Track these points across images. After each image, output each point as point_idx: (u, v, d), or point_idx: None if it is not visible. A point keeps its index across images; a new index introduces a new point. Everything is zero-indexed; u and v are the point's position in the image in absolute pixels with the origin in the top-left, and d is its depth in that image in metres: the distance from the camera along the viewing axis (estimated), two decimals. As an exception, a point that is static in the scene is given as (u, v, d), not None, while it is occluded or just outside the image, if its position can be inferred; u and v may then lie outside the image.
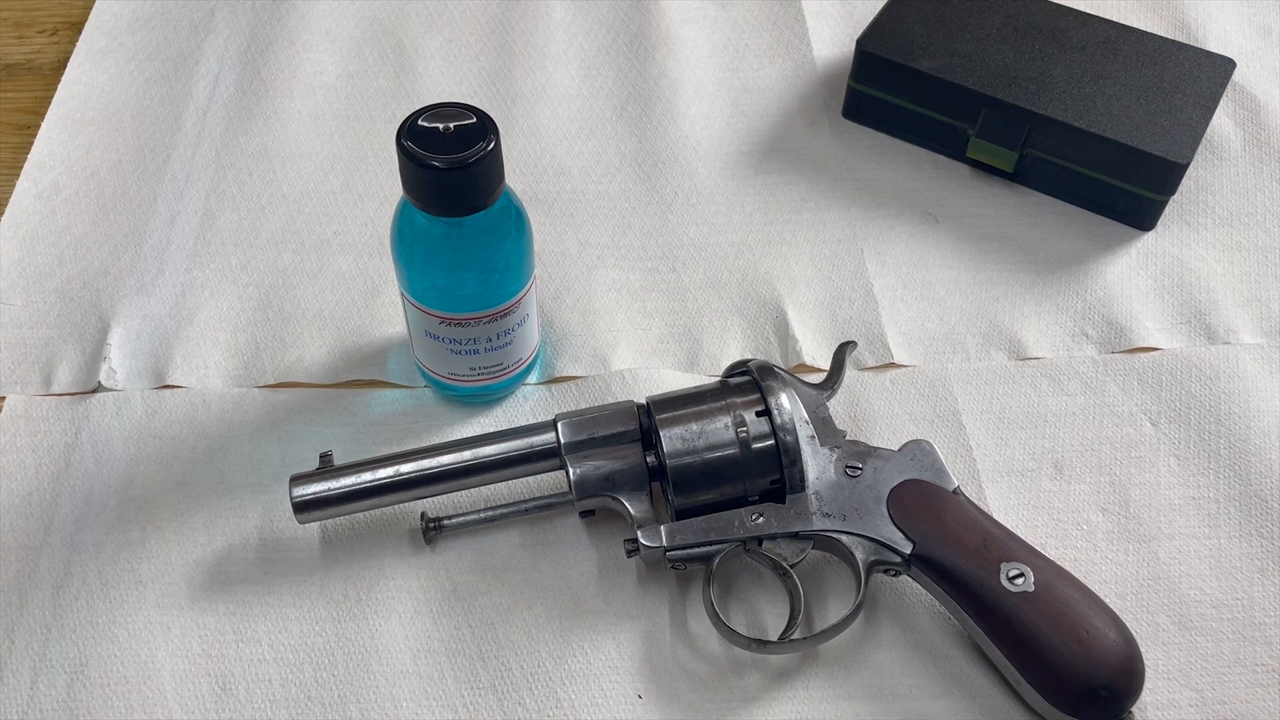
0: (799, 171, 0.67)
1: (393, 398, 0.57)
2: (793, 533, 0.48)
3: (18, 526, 0.52)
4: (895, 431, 0.56)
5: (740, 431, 0.49)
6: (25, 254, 0.63)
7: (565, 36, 0.75)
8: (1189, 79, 0.64)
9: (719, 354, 0.59)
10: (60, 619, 0.50)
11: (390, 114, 0.70)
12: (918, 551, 0.47)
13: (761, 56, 0.74)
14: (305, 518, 0.50)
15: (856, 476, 0.49)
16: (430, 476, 0.50)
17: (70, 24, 0.76)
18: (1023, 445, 0.56)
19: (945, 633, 0.49)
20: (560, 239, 0.64)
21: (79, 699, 0.48)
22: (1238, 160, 0.68)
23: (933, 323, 0.61)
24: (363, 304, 0.61)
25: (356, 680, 0.48)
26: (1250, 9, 0.76)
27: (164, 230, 0.64)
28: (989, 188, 0.67)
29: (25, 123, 0.70)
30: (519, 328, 0.54)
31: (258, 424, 0.56)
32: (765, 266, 0.63)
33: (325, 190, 0.66)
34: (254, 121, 0.70)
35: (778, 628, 0.49)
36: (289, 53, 0.73)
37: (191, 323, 0.60)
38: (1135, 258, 0.63)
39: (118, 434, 0.56)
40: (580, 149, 0.69)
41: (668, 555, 0.48)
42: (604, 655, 0.49)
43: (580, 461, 0.50)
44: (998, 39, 0.67)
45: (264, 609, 0.50)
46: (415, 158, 0.46)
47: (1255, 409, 0.57)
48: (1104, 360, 0.59)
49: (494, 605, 0.50)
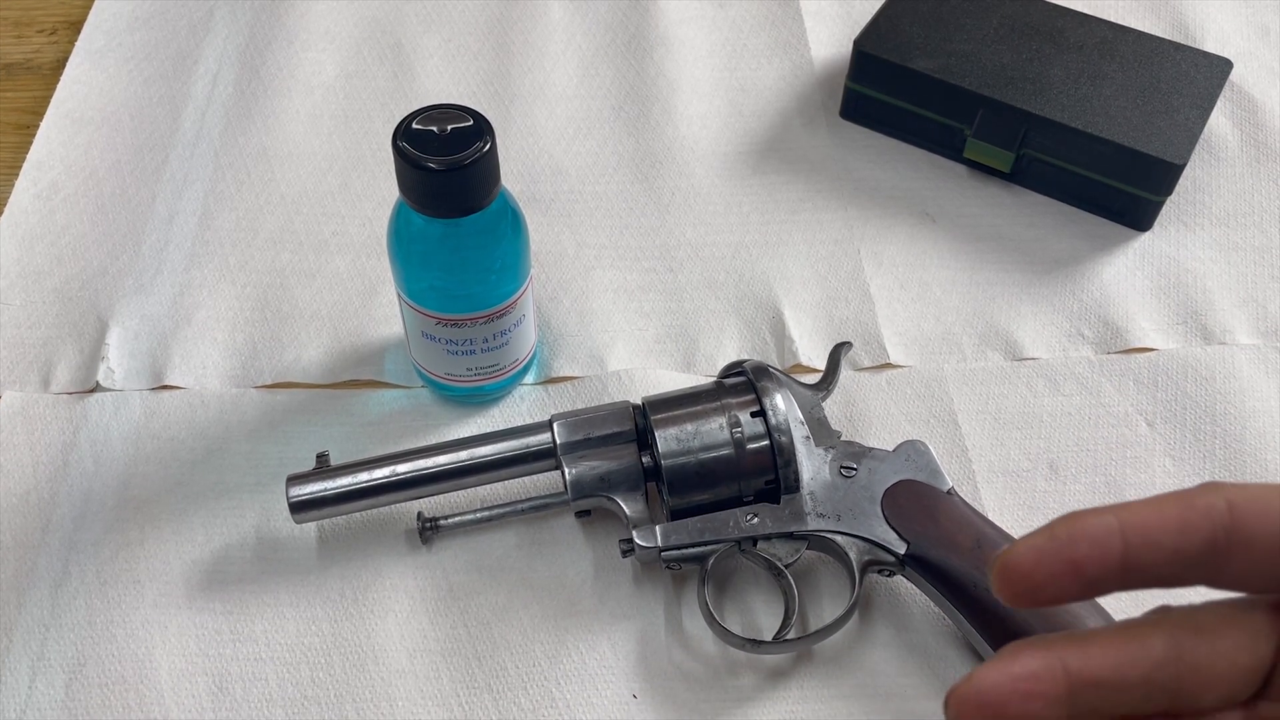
0: (796, 172, 0.68)
1: (390, 398, 0.57)
2: (787, 533, 0.49)
3: (16, 526, 0.53)
4: (891, 432, 0.56)
5: (735, 432, 0.49)
6: (24, 253, 0.63)
7: (563, 36, 0.75)
8: (1186, 79, 0.64)
9: (715, 354, 0.59)
10: (58, 618, 0.50)
11: (388, 114, 0.70)
12: (912, 552, 0.47)
13: (759, 57, 0.74)
14: (302, 518, 0.50)
15: (851, 477, 0.49)
16: (427, 477, 0.50)
17: (69, 23, 0.76)
18: (1018, 445, 0.56)
19: (939, 633, 0.50)
20: (557, 239, 0.64)
21: (77, 698, 0.48)
22: (1235, 161, 0.68)
23: (929, 323, 0.61)
24: (360, 304, 0.61)
25: (353, 679, 0.48)
26: (1248, 9, 0.76)
27: (162, 230, 0.64)
28: (986, 188, 0.67)
29: (24, 122, 0.70)
30: (515, 328, 0.54)
31: (255, 424, 0.56)
32: (762, 267, 0.63)
33: (323, 190, 0.66)
34: (252, 121, 0.70)
35: (772, 628, 0.50)
36: (287, 53, 0.74)
37: (190, 322, 0.60)
38: (1132, 258, 0.63)
39: (116, 434, 0.56)
40: (578, 149, 0.69)
41: (663, 555, 0.49)
42: (599, 655, 0.49)
43: (576, 462, 0.50)
44: (995, 39, 0.67)
45: (261, 608, 0.50)
46: (411, 159, 0.46)
47: (1251, 409, 0.57)
48: (1100, 361, 0.59)
49: (490, 605, 0.51)
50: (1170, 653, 0.27)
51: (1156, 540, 0.27)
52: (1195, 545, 0.27)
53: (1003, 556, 0.27)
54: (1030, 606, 0.28)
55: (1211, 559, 0.27)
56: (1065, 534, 0.27)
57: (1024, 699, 0.26)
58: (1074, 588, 0.27)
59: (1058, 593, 0.27)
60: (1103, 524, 0.27)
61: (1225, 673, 0.27)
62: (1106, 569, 0.27)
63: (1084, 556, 0.27)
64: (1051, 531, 0.27)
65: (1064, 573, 0.27)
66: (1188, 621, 0.28)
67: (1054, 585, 0.27)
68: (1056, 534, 0.27)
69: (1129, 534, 0.27)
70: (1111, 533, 0.27)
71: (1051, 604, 0.27)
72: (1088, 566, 0.27)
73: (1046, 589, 0.27)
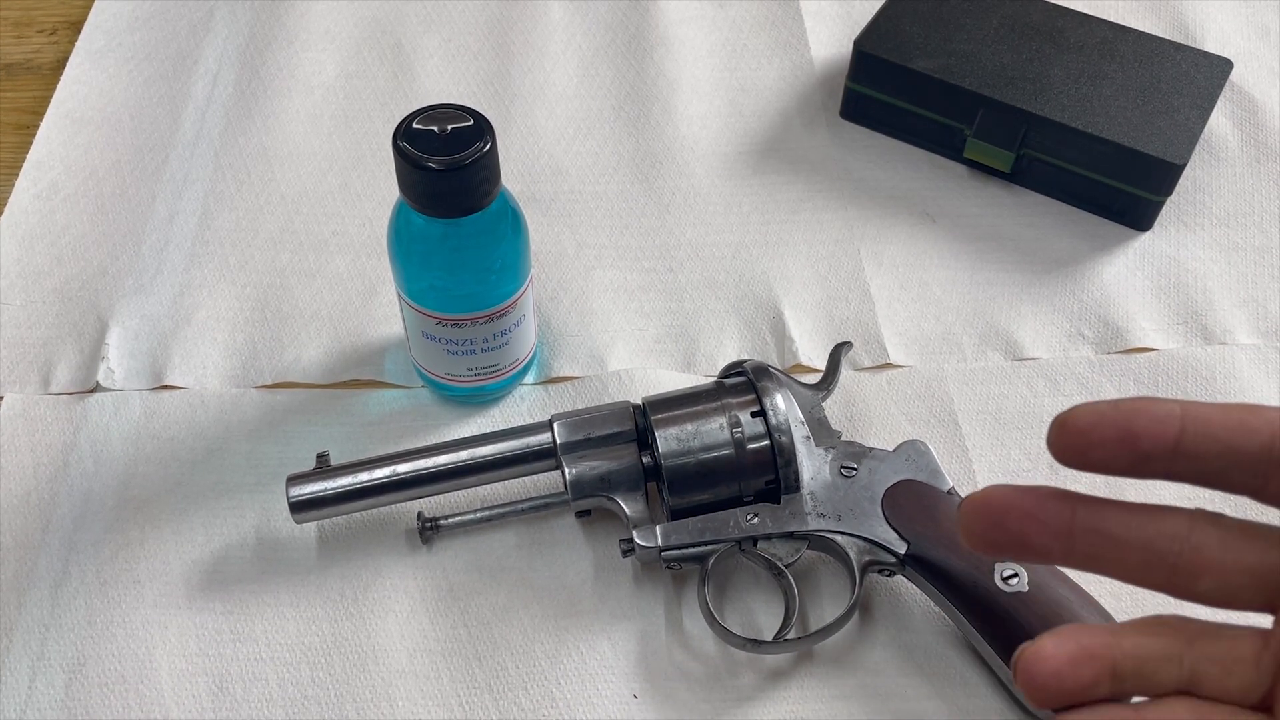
0: (796, 172, 0.68)
1: (390, 398, 0.57)
2: (788, 533, 0.49)
3: (16, 526, 0.53)
4: (891, 432, 0.56)
5: (735, 432, 0.49)
6: (24, 253, 0.63)
7: (563, 36, 0.75)
8: (1186, 79, 0.64)
9: (715, 354, 0.59)
10: (58, 618, 0.50)
11: (388, 114, 0.70)
12: (912, 552, 0.47)
13: (759, 57, 0.74)
14: (302, 517, 0.50)
15: (851, 477, 0.49)
16: (427, 476, 0.50)
17: (69, 23, 0.76)
18: (1018, 446, 0.56)
19: (940, 633, 0.49)
20: (557, 239, 0.64)
21: (77, 698, 0.48)
22: (1235, 161, 0.68)
23: (929, 323, 0.61)
24: (360, 304, 0.61)
25: (353, 679, 0.48)
26: (1248, 9, 0.76)
27: (162, 230, 0.64)
28: (986, 188, 0.67)
29: (24, 122, 0.70)
30: (516, 328, 0.54)
31: (255, 424, 0.56)
32: (762, 267, 0.63)
33: (323, 190, 0.66)
34: (252, 121, 0.70)
35: (772, 628, 0.50)
36: (288, 53, 0.74)
37: (190, 323, 0.60)
38: (1132, 258, 0.63)
39: (116, 434, 0.56)
40: (578, 149, 0.69)
41: (663, 555, 0.49)
42: (599, 655, 0.49)
43: (576, 462, 0.50)
44: (995, 39, 0.67)
45: (261, 608, 0.50)
46: (411, 159, 0.46)
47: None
48: (1100, 361, 0.59)
49: (490, 605, 0.50)
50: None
51: (1215, 434, 0.28)
52: (1252, 448, 0.28)
53: (1061, 415, 0.28)
54: (1077, 468, 0.28)
55: (1265, 467, 0.28)
56: (1129, 406, 0.28)
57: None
58: (1124, 458, 0.28)
59: (1106, 458, 0.28)
60: (1166, 407, 0.28)
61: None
62: (1159, 446, 0.28)
63: (1141, 429, 0.28)
64: (1115, 402, 0.28)
65: (1117, 439, 0.28)
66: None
67: (1104, 450, 0.28)
68: (1120, 404, 0.28)
69: (1189, 421, 0.28)
70: (1173, 415, 0.28)
71: (1097, 470, 0.28)
72: (1142, 440, 0.28)
73: (1096, 452, 0.28)
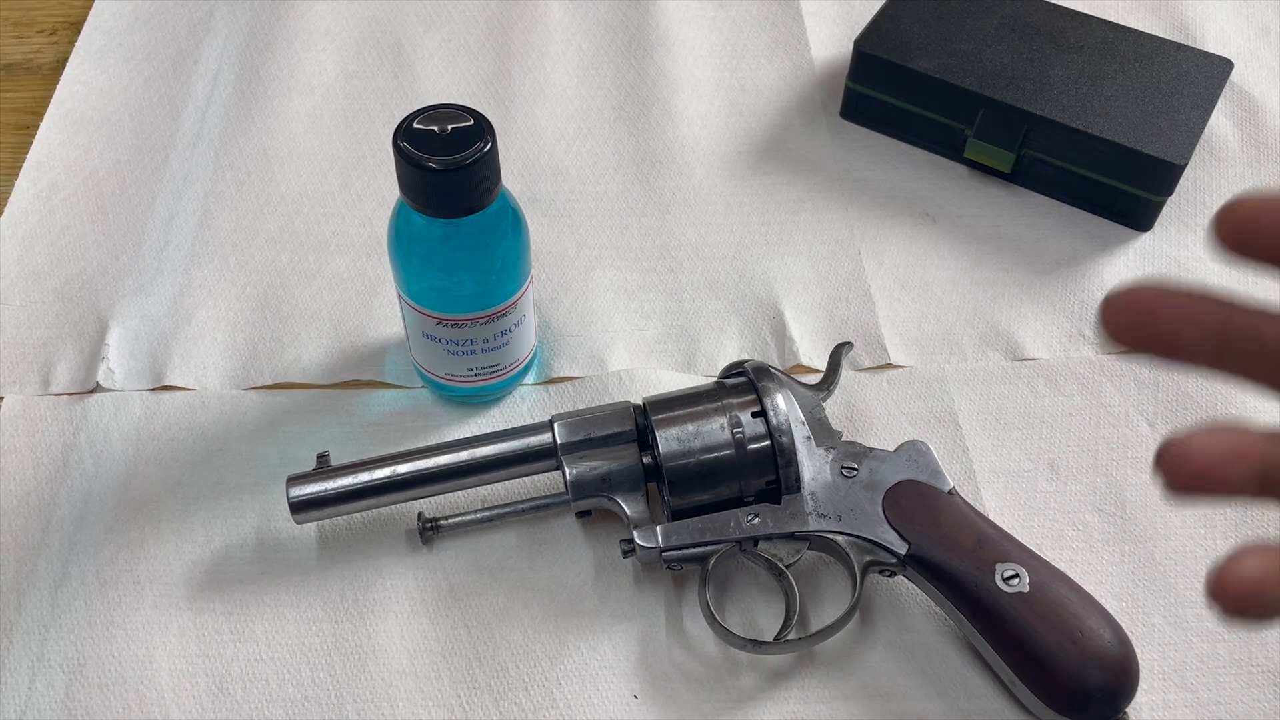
0: (796, 172, 0.68)
1: (390, 398, 0.57)
2: (788, 533, 0.48)
3: (16, 526, 0.53)
4: (891, 432, 0.56)
5: (736, 432, 0.49)
6: (24, 254, 0.63)
7: (564, 37, 0.75)
8: (1187, 80, 0.64)
9: (716, 354, 0.59)
10: (58, 619, 0.50)
11: (389, 114, 0.70)
12: (913, 552, 0.47)
13: (760, 57, 0.74)
14: (302, 518, 0.50)
15: (852, 477, 0.49)
16: (427, 477, 0.50)
17: (69, 24, 0.76)
18: (1019, 446, 0.56)
19: (940, 633, 0.49)
20: (558, 239, 0.64)
21: (77, 698, 0.48)
22: (1235, 161, 0.68)
23: (929, 323, 0.61)
24: (360, 304, 0.61)
25: (353, 680, 0.48)
26: (1249, 9, 0.76)
27: (162, 230, 0.64)
28: (986, 188, 0.67)
29: (24, 122, 0.70)
30: (516, 328, 0.54)
31: (255, 425, 0.56)
32: (762, 267, 0.63)
33: (323, 190, 0.66)
34: (252, 121, 0.70)
35: (773, 628, 0.49)
36: (288, 53, 0.74)
37: (190, 323, 0.60)
38: (1132, 259, 0.63)
39: (116, 434, 0.56)
40: (578, 149, 0.69)
41: (663, 556, 0.49)
42: (600, 655, 0.49)
43: (576, 462, 0.50)
44: (995, 39, 0.67)
45: (261, 609, 0.50)
46: (411, 159, 0.46)
47: (1251, 409, 0.57)
48: (1101, 361, 0.59)
49: (490, 605, 0.50)
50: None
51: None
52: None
53: (1226, 203, 0.28)
54: (1237, 255, 0.28)
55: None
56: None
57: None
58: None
59: (1276, 245, 0.28)
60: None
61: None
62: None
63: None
64: (1213, 422, 0.29)
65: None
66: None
67: (1275, 236, 0.28)
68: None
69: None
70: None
71: (1262, 257, 0.28)
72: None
73: (1263, 238, 0.28)
